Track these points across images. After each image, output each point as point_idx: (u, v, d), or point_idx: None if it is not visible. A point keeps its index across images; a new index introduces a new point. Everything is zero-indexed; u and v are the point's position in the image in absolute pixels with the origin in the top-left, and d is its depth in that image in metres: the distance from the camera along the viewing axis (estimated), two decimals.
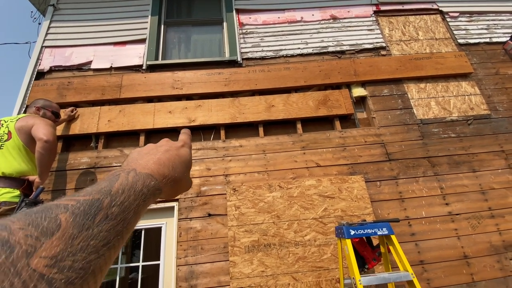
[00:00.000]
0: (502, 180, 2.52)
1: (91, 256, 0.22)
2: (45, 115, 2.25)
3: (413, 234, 2.26)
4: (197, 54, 3.34)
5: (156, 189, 0.33)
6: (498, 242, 2.28)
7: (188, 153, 0.43)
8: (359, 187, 2.38)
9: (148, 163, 0.35)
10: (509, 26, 3.48)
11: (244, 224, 2.24)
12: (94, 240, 0.23)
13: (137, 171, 0.33)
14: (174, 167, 0.38)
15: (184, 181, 0.40)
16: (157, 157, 0.37)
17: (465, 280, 2.13)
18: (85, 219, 0.23)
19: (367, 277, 1.59)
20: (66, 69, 2.99)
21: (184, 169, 0.40)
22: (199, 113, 2.69)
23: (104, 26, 3.22)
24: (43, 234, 0.20)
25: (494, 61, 3.20)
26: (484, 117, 2.82)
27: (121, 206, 0.27)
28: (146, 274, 3.65)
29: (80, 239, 0.22)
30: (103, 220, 0.25)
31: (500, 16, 3.56)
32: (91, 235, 0.23)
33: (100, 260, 0.23)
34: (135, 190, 0.30)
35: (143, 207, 0.30)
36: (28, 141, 2.01)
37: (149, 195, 0.31)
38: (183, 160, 0.40)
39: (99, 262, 0.23)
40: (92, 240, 0.23)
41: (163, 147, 0.40)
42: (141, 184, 0.31)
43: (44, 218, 0.21)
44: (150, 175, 0.33)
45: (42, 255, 0.19)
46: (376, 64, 3.00)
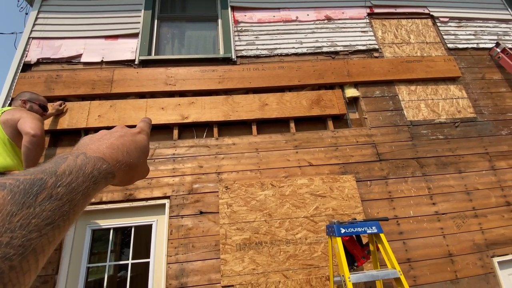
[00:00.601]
0: (485, 181, 2.61)
1: (32, 234, 0.22)
2: (32, 108, 2.18)
3: (401, 233, 2.31)
4: (191, 50, 3.31)
5: (108, 172, 0.33)
6: (480, 240, 2.36)
7: (145, 139, 0.43)
8: (350, 187, 2.42)
9: (100, 147, 0.35)
10: (495, 33, 3.60)
11: (236, 222, 2.24)
12: (36, 218, 0.23)
13: (87, 154, 0.32)
14: (129, 152, 0.37)
15: (140, 167, 0.40)
16: (110, 141, 0.36)
17: (449, 277, 2.21)
18: (26, 197, 0.23)
19: (356, 275, 1.63)
20: (54, 61, 2.90)
21: (139, 155, 0.39)
22: (192, 110, 2.66)
23: (96, 19, 3.14)
24: None
25: (481, 66, 3.30)
26: (470, 120, 2.91)
27: (68, 187, 0.27)
28: (135, 272, 3.61)
29: (20, 216, 0.22)
30: (47, 199, 0.24)
31: (487, 23, 3.68)
32: (33, 213, 0.23)
33: (42, 239, 0.23)
34: (84, 172, 0.29)
35: (93, 190, 0.30)
36: (14, 135, 1.94)
37: (100, 178, 0.31)
38: (139, 146, 0.40)
39: (41, 241, 0.23)
40: (34, 218, 0.23)
41: (117, 133, 0.39)
42: (91, 166, 0.31)
43: None
44: (102, 159, 0.33)
45: None
46: (369, 66, 3.04)
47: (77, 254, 2.20)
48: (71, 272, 2.14)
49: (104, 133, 0.39)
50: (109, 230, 2.33)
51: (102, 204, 2.28)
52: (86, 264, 2.18)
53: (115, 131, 0.40)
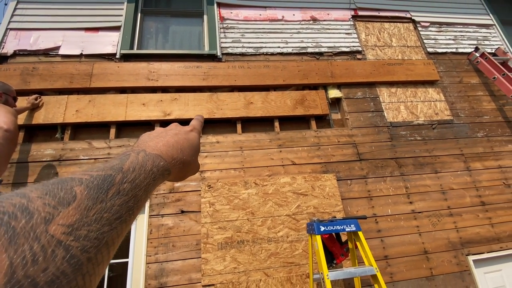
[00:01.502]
0: (460, 181, 2.72)
1: (105, 228, 0.23)
2: (7, 101, 2.07)
3: (379, 231, 2.37)
4: (175, 46, 3.25)
5: (165, 169, 0.34)
6: (455, 239, 2.46)
7: (197, 137, 0.44)
8: (331, 185, 2.46)
9: (157, 145, 0.37)
10: (474, 38, 3.75)
11: (218, 221, 2.23)
12: (107, 213, 0.24)
13: (146, 151, 0.34)
14: (183, 149, 0.39)
15: (192, 164, 0.42)
16: (166, 139, 0.38)
17: (424, 274, 2.28)
18: (99, 193, 0.24)
19: (335, 272, 1.66)
20: (31, 53, 2.77)
21: (192, 152, 0.41)
22: (175, 107, 2.62)
23: (75, 10, 3.02)
24: (60, 203, 0.21)
25: (459, 70, 3.43)
26: (447, 122, 3.02)
27: (133, 183, 0.28)
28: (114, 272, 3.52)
29: (95, 210, 0.23)
30: (116, 195, 0.26)
31: (467, 28, 3.82)
32: (105, 208, 0.24)
33: (113, 233, 0.24)
34: (145, 169, 0.31)
35: (153, 186, 0.32)
36: None
37: (158, 175, 0.33)
38: (191, 143, 0.42)
39: (111, 234, 0.24)
40: (105, 213, 0.24)
41: (172, 131, 0.42)
42: (151, 163, 0.32)
43: (61, 189, 0.22)
44: (159, 156, 0.35)
45: (60, 223, 0.20)
46: (351, 67, 3.10)
47: None
48: None
49: (160, 130, 0.42)
50: None
51: None
52: None
53: (170, 129, 0.43)
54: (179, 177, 0.41)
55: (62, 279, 0.18)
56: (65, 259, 0.19)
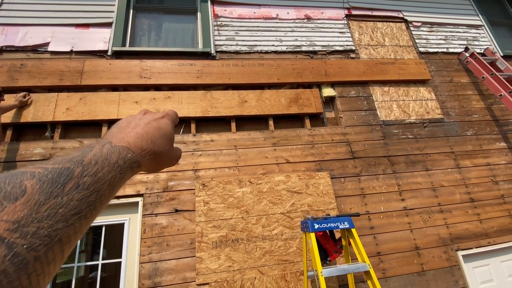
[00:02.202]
0: (450, 179, 2.78)
1: (59, 224, 0.22)
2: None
3: (372, 228, 2.41)
4: (169, 43, 3.21)
5: (133, 162, 0.33)
6: (445, 234, 2.52)
7: (169, 125, 0.41)
8: (325, 183, 2.48)
9: (125, 137, 0.35)
10: (464, 38, 3.83)
11: (213, 220, 2.22)
12: (63, 208, 0.23)
13: (112, 143, 0.33)
14: (154, 140, 0.37)
15: (166, 154, 0.39)
16: (135, 130, 0.36)
17: (416, 270, 2.33)
18: (53, 187, 0.23)
19: (328, 269, 1.67)
20: (19, 49, 2.70)
21: (164, 142, 0.39)
22: (168, 105, 2.59)
23: (65, 6, 2.95)
24: (6, 198, 0.20)
25: (449, 70, 3.50)
26: (438, 120, 3.08)
27: (94, 177, 0.27)
28: (108, 272, 3.48)
29: (47, 206, 0.22)
30: (74, 189, 0.24)
31: (457, 28, 3.89)
32: (60, 203, 0.23)
33: (69, 230, 0.23)
34: (109, 162, 0.29)
35: (120, 180, 0.30)
36: None
37: (125, 168, 0.31)
38: (163, 133, 0.39)
39: (67, 231, 0.23)
40: (61, 208, 0.23)
41: (142, 120, 0.39)
42: (116, 156, 0.31)
43: (8, 183, 0.21)
44: (127, 148, 0.33)
45: (3, 219, 0.19)
46: (345, 66, 3.12)
47: None
48: None
49: (129, 119, 0.39)
50: None
51: None
52: None
53: (140, 117, 0.40)
54: (154, 168, 0.39)
55: (2, 278, 0.17)
56: (7, 257, 0.18)
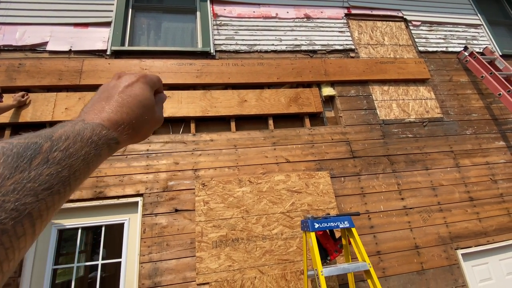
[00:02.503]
0: (450, 178, 2.78)
1: (28, 198, 0.22)
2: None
3: (372, 227, 2.41)
4: (168, 42, 3.20)
5: (109, 138, 0.32)
6: (445, 233, 2.52)
7: (145, 89, 0.38)
8: (325, 183, 2.48)
9: (99, 113, 0.33)
10: (463, 37, 3.83)
11: (213, 219, 2.22)
12: (31, 183, 0.22)
13: (85, 121, 0.31)
14: (129, 112, 0.35)
15: (146, 122, 0.37)
16: (109, 104, 0.34)
17: (415, 269, 2.34)
18: (19, 161, 0.23)
19: (329, 268, 1.67)
20: (17, 49, 2.68)
21: (142, 110, 0.36)
22: (168, 105, 2.58)
23: (64, 5, 2.93)
24: None
25: (449, 69, 3.50)
26: (437, 120, 3.09)
27: (65, 152, 0.26)
28: (107, 272, 3.48)
29: (13, 180, 0.21)
30: (43, 164, 0.24)
31: (457, 27, 3.90)
32: (27, 177, 0.22)
33: (39, 204, 0.23)
34: (82, 137, 0.29)
35: (95, 156, 0.30)
36: None
37: (101, 144, 0.30)
38: (139, 100, 0.37)
39: (38, 205, 0.22)
40: (29, 183, 0.22)
41: (115, 89, 0.37)
42: (90, 132, 0.30)
43: None
44: (101, 125, 0.32)
45: None
46: (345, 65, 3.12)
47: (42, 255, 2.07)
48: (35, 274, 2.02)
49: (102, 89, 0.37)
50: (77, 230, 2.21)
51: (70, 203, 2.16)
52: (51, 265, 2.06)
53: (113, 85, 0.37)
54: (137, 139, 0.38)
55: None
56: None
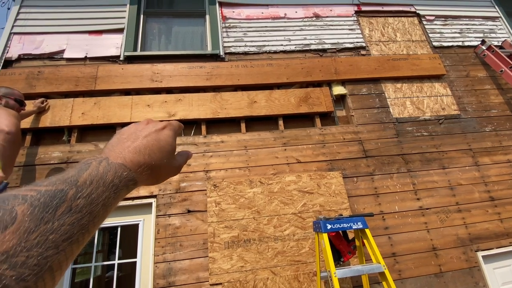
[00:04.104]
0: (469, 177, 2.68)
1: (49, 251, 0.21)
2: (8, 104, 2.08)
3: (387, 228, 2.36)
4: (178, 46, 3.25)
5: (129, 180, 0.31)
6: (464, 235, 2.43)
7: (170, 136, 0.39)
8: (337, 183, 2.44)
9: (123, 151, 0.33)
10: (480, 30, 3.68)
11: (224, 220, 2.24)
12: (54, 234, 0.21)
13: (109, 160, 0.31)
14: (151, 154, 0.35)
15: (164, 168, 0.37)
16: (134, 144, 0.35)
17: (433, 271, 2.26)
18: (45, 212, 0.22)
19: (342, 270, 1.65)
20: (36, 57, 2.81)
21: (163, 155, 0.37)
22: (179, 107, 2.63)
23: (79, 14, 3.05)
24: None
25: (466, 64, 3.37)
26: (454, 117, 2.98)
27: (88, 198, 0.25)
28: (123, 272, 3.57)
29: (37, 233, 0.20)
30: (66, 213, 0.23)
31: (473, 20, 3.75)
32: (51, 229, 0.21)
33: (59, 256, 0.22)
34: (105, 181, 0.28)
35: (114, 199, 0.29)
36: None
37: (121, 187, 0.30)
38: (162, 145, 0.37)
39: (58, 257, 0.21)
40: (51, 234, 0.21)
41: (142, 131, 0.37)
42: (112, 174, 0.29)
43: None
44: (123, 165, 0.31)
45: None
46: (356, 64, 3.07)
47: None
48: None
49: (131, 130, 0.38)
50: None
51: None
52: (71, 264, 2.13)
53: (141, 128, 0.38)
54: (152, 182, 0.37)
55: None
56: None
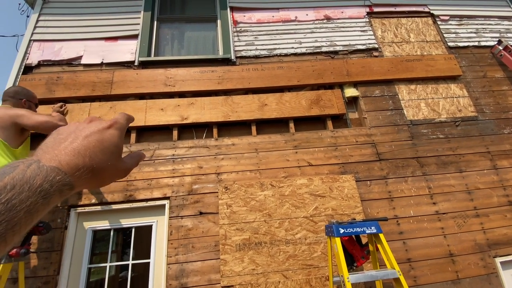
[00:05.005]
0: (487, 180, 2.59)
1: None
2: (30, 108, 2.16)
3: (401, 233, 2.30)
4: (191, 51, 3.31)
5: (63, 184, 0.29)
6: (482, 240, 2.34)
7: (115, 135, 0.36)
8: (350, 186, 2.41)
9: (58, 153, 0.30)
10: (497, 30, 3.57)
11: (236, 223, 2.25)
12: None
13: (40, 163, 0.28)
14: (92, 155, 0.32)
15: (108, 170, 0.34)
16: (72, 146, 0.32)
17: (450, 277, 2.19)
18: None
19: (355, 275, 1.62)
20: (55, 63, 2.92)
21: (106, 156, 0.34)
22: (191, 111, 2.67)
23: (95, 21, 3.16)
24: None
25: (482, 64, 3.28)
26: (471, 118, 2.89)
27: (6, 205, 0.23)
28: (136, 272, 3.63)
29: None
30: None
31: (489, 20, 3.65)
32: None
33: None
34: (31, 186, 0.26)
35: (42, 205, 0.26)
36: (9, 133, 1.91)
37: (52, 192, 0.27)
38: (106, 146, 0.34)
39: None
40: None
41: (83, 131, 0.34)
42: (41, 178, 0.27)
43: None
44: (57, 168, 0.29)
45: None
46: (368, 65, 3.03)
47: (78, 255, 2.21)
48: (72, 272, 2.15)
49: (71, 129, 0.35)
50: (110, 231, 2.34)
51: (103, 205, 2.30)
52: (87, 264, 2.20)
53: (82, 128, 0.35)
54: (94, 185, 0.34)
55: None
56: None
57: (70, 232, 2.23)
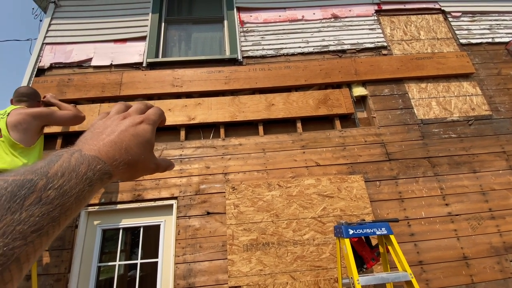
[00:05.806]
0: (503, 181, 2.50)
1: (16, 242, 0.20)
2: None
3: (413, 234, 2.25)
4: (198, 52, 3.33)
5: (103, 173, 0.30)
6: (498, 243, 2.26)
7: (148, 130, 0.37)
8: (359, 187, 2.37)
9: (97, 144, 0.32)
10: (511, 26, 3.46)
11: (243, 223, 2.24)
12: (21, 225, 0.21)
13: (82, 152, 0.30)
14: (128, 149, 0.34)
15: (141, 163, 0.36)
16: (109, 138, 0.33)
17: (464, 281, 2.12)
18: (12, 202, 0.21)
19: (365, 277, 1.59)
20: (66, 66, 2.99)
21: (140, 150, 0.35)
22: (198, 111, 2.68)
23: (105, 23, 3.21)
24: None
25: (497, 62, 3.18)
26: (485, 117, 2.80)
27: (59, 190, 0.25)
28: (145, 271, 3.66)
29: (3, 223, 0.20)
30: (35, 203, 0.22)
31: (503, 16, 3.53)
32: (18, 219, 0.21)
33: (27, 248, 0.21)
34: (78, 174, 0.27)
35: (88, 192, 0.28)
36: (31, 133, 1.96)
37: (95, 180, 0.29)
38: (140, 140, 0.36)
39: (26, 249, 0.21)
40: (19, 225, 0.21)
41: (119, 126, 0.36)
42: (85, 167, 0.28)
43: None
44: (97, 158, 0.30)
45: None
46: (377, 64, 2.98)
47: (88, 253, 2.24)
48: (83, 271, 2.19)
49: (105, 125, 0.36)
50: (119, 230, 2.37)
51: (112, 205, 2.32)
52: (96, 263, 2.22)
53: (117, 123, 0.37)
54: (127, 177, 0.36)
55: None
56: None
57: (81, 231, 2.27)
